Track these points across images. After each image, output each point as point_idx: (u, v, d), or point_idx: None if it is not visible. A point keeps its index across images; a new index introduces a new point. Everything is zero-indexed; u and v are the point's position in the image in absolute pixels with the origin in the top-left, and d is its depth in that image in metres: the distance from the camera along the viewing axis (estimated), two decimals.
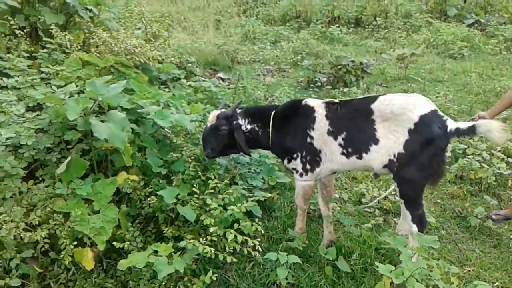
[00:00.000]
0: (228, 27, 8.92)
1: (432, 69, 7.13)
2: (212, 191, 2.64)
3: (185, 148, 2.85)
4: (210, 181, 2.67)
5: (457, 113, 5.29)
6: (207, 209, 2.58)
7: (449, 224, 3.39)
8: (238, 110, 3.00)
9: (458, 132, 2.48)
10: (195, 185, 2.64)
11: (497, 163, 3.90)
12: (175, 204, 2.58)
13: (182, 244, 2.37)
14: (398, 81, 6.64)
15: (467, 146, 4.23)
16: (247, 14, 10.24)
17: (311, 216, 3.35)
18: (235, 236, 2.42)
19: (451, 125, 2.49)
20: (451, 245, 3.13)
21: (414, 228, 2.65)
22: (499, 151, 4.13)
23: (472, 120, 3.09)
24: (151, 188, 2.66)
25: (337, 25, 9.50)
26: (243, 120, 2.96)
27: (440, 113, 2.57)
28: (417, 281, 2.21)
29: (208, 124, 2.92)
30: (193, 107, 3.56)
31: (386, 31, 9.37)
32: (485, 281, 2.80)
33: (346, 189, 3.82)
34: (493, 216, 3.45)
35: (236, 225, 2.50)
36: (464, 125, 2.47)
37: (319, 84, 5.93)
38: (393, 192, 3.49)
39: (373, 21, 9.87)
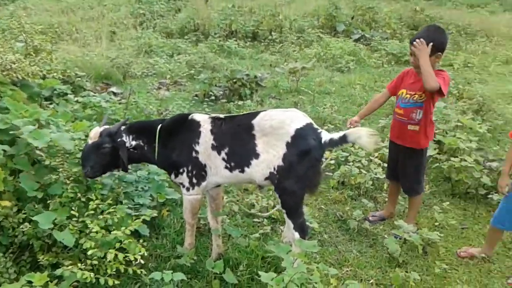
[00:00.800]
0: (123, 39, 8.71)
1: (322, 81, 7.56)
2: (93, 212, 2.56)
3: (61, 169, 2.73)
4: (91, 202, 2.60)
5: (342, 123, 5.66)
6: (87, 232, 2.50)
7: (331, 228, 3.62)
8: (123, 127, 2.95)
9: (332, 143, 2.67)
10: (73, 208, 2.55)
11: (374, 168, 4.25)
12: (52, 229, 2.46)
13: (58, 271, 2.27)
14: (290, 93, 6.96)
15: (349, 153, 4.56)
16: (144, 26, 10.08)
17: (201, 230, 3.38)
18: (116, 256, 2.37)
19: (325, 136, 2.67)
20: (332, 248, 3.35)
21: (297, 235, 2.79)
22: (376, 157, 4.51)
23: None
24: (25, 213, 2.51)
25: (234, 38, 9.71)
26: (128, 137, 2.92)
27: (315, 126, 2.74)
28: (296, 285, 2.33)
29: (90, 141, 2.82)
30: (77, 124, 3.42)
31: (281, 45, 9.76)
32: (361, 280, 3.03)
33: (237, 200, 3.91)
34: (370, 218, 3.75)
35: (117, 245, 2.45)
36: (336, 135, 2.67)
37: (213, 98, 6.00)
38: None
39: (268, 36, 10.23)
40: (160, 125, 2.93)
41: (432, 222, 3.77)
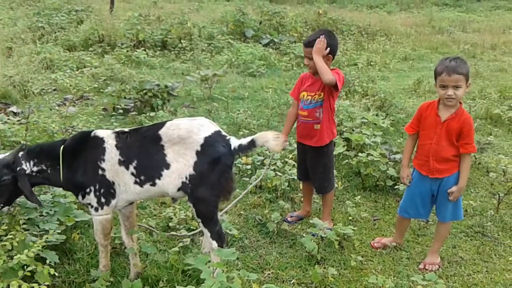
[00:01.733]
0: (21, 55, 8.13)
1: (235, 87, 7.61)
2: None
3: None
4: None
5: (257, 127, 5.74)
6: None
7: (251, 232, 3.64)
8: (21, 153, 2.76)
9: (241, 148, 2.70)
10: None
11: (289, 170, 4.34)
12: None
13: None
14: (203, 101, 6.92)
15: (264, 157, 4.62)
16: (44, 40, 9.48)
17: (117, 250, 3.24)
18: (20, 286, 2.20)
19: (234, 143, 2.70)
20: (253, 253, 3.36)
21: (214, 244, 2.77)
22: (291, 158, 4.61)
23: None
24: None
25: (143, 48, 9.47)
26: (28, 163, 2.74)
27: (224, 133, 2.75)
28: None
29: None
30: None
31: (192, 53, 9.69)
32: (283, 281, 3.07)
33: (154, 215, 3.80)
34: (289, 219, 3.83)
35: (21, 273, 2.27)
36: (245, 141, 2.70)
37: (121, 111, 5.79)
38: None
39: (178, 44, 10.10)
40: (63, 145, 2.78)
41: (346, 217, 3.93)
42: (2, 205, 2.73)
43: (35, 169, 2.75)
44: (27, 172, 2.72)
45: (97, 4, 13.49)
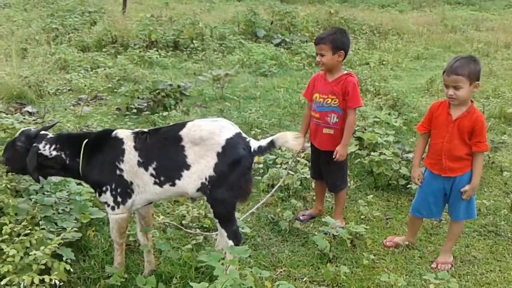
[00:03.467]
0: (35, 56, 8.24)
1: (246, 87, 7.64)
2: (7, 237, 2.41)
3: None
4: (4, 227, 2.44)
5: (268, 126, 5.76)
6: (4, 257, 2.35)
7: (263, 231, 3.66)
8: (49, 135, 2.89)
9: (261, 150, 2.75)
10: None
11: (301, 169, 4.35)
12: None
13: None
14: (215, 101, 6.96)
15: (276, 156, 4.64)
16: (58, 41, 9.60)
17: (131, 247, 3.28)
18: (33, 280, 2.25)
19: (254, 144, 2.74)
20: (265, 251, 3.38)
21: (230, 243, 2.80)
22: (303, 157, 4.62)
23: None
24: None
25: (155, 49, 9.53)
26: (48, 146, 2.82)
27: (244, 135, 2.79)
28: None
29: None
30: None
31: (204, 53, 9.73)
32: (295, 279, 3.09)
33: (168, 213, 3.84)
34: (301, 217, 3.84)
35: (35, 267, 2.32)
36: (264, 142, 2.75)
37: (135, 110, 5.86)
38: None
39: (190, 44, 10.15)
40: (87, 140, 2.84)
41: (358, 216, 3.93)
42: (10, 168, 2.91)
43: (53, 153, 2.82)
44: (43, 153, 2.80)
45: (109, 5, 13.62)
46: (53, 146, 2.82)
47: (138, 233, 3.07)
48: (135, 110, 5.86)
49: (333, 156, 3.48)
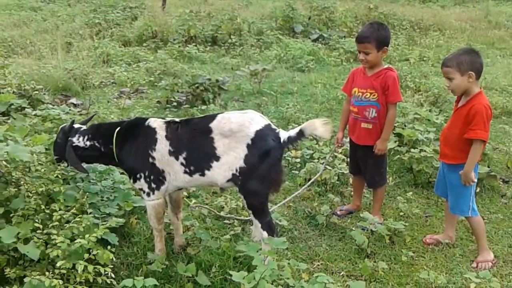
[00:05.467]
0: (80, 50, 8.51)
1: (283, 82, 7.64)
2: (57, 223, 2.53)
3: (22, 182, 2.67)
4: (54, 213, 2.56)
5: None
6: (53, 243, 2.46)
7: (300, 224, 3.68)
8: (82, 127, 3.05)
9: (291, 140, 2.77)
10: (37, 220, 2.50)
11: (339, 164, 4.33)
12: (16, 243, 2.41)
13: (26, 280, 2.23)
14: (253, 95, 7.00)
15: (314, 151, 4.63)
16: (101, 36, 9.88)
17: (172, 236, 3.37)
18: (86, 267, 2.35)
19: (283, 135, 2.76)
20: (302, 244, 3.40)
21: (265, 234, 2.84)
22: (341, 153, 4.60)
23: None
24: None
25: (194, 44, 9.66)
26: (82, 137, 2.97)
27: (273, 126, 2.81)
28: (267, 282, 2.36)
29: None
30: (36, 138, 3.36)
31: (241, 48, 9.79)
32: (332, 272, 3.10)
33: (206, 204, 3.91)
34: (338, 212, 3.83)
35: (86, 255, 2.42)
36: (293, 132, 2.77)
37: (175, 104, 5.98)
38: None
39: (228, 39, 10.23)
40: (119, 128, 2.95)
41: (397, 212, 3.89)
42: (58, 159, 3.08)
43: (88, 143, 2.97)
44: (78, 145, 2.95)
45: (150, 1, 13.86)
46: (86, 137, 2.98)
47: (170, 213, 3.20)
48: (175, 104, 5.98)
49: (373, 151, 3.46)
